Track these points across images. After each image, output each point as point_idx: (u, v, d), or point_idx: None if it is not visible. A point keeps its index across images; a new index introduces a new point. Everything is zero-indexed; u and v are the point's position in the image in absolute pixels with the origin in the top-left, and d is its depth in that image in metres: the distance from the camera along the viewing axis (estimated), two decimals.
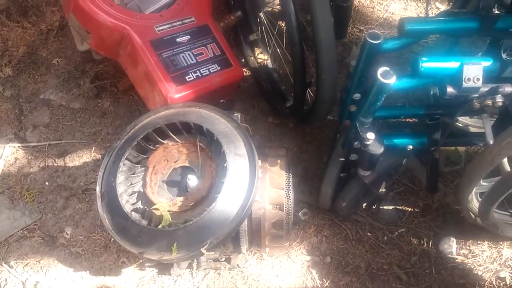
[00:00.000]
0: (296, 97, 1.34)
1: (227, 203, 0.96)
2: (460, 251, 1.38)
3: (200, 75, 1.27)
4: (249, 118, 1.68)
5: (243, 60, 1.75)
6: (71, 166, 1.62)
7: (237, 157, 0.99)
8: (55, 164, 1.62)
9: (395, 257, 1.38)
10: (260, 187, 1.12)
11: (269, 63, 1.73)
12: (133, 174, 1.05)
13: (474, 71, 0.89)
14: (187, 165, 1.05)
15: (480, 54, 1.10)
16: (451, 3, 1.81)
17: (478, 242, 1.39)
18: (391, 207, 1.47)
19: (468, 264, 1.36)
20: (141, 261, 1.38)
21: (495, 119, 1.15)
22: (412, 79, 0.98)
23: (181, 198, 1.01)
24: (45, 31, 1.92)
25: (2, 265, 1.41)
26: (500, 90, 0.90)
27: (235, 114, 1.11)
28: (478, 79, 0.89)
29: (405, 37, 1.00)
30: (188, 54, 1.28)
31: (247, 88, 1.74)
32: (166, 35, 1.28)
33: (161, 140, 1.07)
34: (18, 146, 1.66)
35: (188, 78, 1.25)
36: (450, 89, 0.92)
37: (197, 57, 1.29)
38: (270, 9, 1.50)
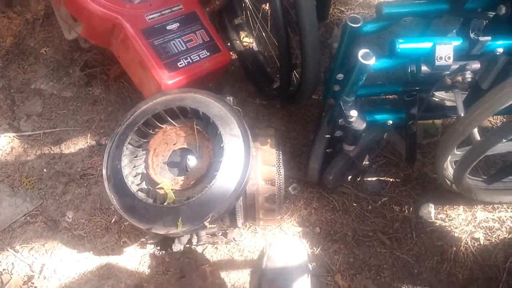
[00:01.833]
0: (282, 79, 1.42)
1: (225, 179, 1.04)
2: (438, 215, 1.49)
3: (191, 61, 1.33)
4: (238, 100, 1.73)
5: (229, 44, 1.80)
6: (67, 153, 1.67)
7: (233, 138, 1.07)
8: (52, 152, 1.67)
9: (379, 224, 1.49)
10: (253, 165, 1.20)
11: (254, 46, 1.79)
12: (136, 157, 1.12)
13: (445, 50, 0.98)
14: (186, 147, 1.13)
15: (454, 31, 1.19)
16: None
17: (454, 206, 1.51)
18: (374, 179, 1.57)
19: (446, 227, 1.48)
20: (142, 239, 1.46)
21: (467, 93, 1.25)
22: (389, 59, 1.06)
23: (182, 177, 1.09)
24: (31, 20, 1.93)
25: (8, 250, 1.47)
26: (468, 67, 0.99)
27: (228, 98, 1.18)
28: (449, 58, 0.98)
29: (383, 20, 1.07)
30: (179, 41, 1.34)
31: (235, 71, 1.81)
32: (157, 23, 1.33)
33: (160, 125, 1.14)
34: (13, 136, 1.70)
35: (180, 64, 1.31)
36: (424, 68, 1.00)
37: (187, 44, 1.35)
38: None
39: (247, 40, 1.81)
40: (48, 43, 1.89)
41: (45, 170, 1.63)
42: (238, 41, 1.80)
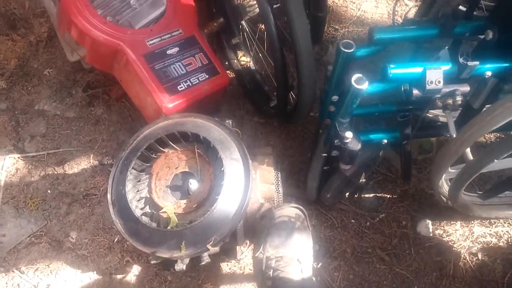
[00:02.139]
0: (279, 100, 1.45)
1: (226, 203, 1.07)
2: (436, 231, 1.52)
3: (190, 84, 1.37)
4: (236, 119, 1.78)
5: (227, 63, 1.84)
6: (70, 173, 1.70)
7: (233, 161, 1.11)
8: (55, 172, 1.70)
9: (378, 240, 1.52)
10: (253, 187, 1.24)
11: (251, 65, 1.83)
12: (139, 181, 1.15)
13: (435, 75, 1.01)
14: (187, 170, 1.16)
15: (446, 48, 1.22)
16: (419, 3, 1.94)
17: (452, 222, 1.53)
18: (371, 195, 1.60)
19: (444, 243, 1.50)
20: (144, 259, 1.49)
21: (459, 112, 1.28)
22: (382, 83, 1.09)
23: (184, 201, 1.12)
24: (34, 42, 1.97)
25: (13, 271, 1.50)
26: (458, 90, 1.02)
27: (227, 121, 1.21)
28: (439, 82, 1.01)
29: (375, 45, 1.11)
30: (178, 65, 1.38)
31: (232, 90, 1.84)
32: (157, 48, 1.37)
33: (162, 149, 1.18)
34: (18, 157, 1.73)
35: (180, 87, 1.35)
36: (415, 91, 1.04)
37: (186, 67, 1.39)
38: (250, 17, 1.60)
39: (244, 59, 1.85)
40: (51, 65, 1.94)
41: (49, 191, 1.66)
42: (235, 60, 1.84)
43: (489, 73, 1.05)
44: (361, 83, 1.03)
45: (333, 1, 1.98)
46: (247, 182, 1.11)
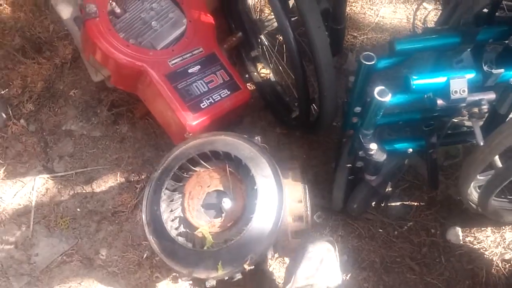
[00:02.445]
0: (301, 112, 1.46)
1: (261, 221, 1.09)
2: (466, 238, 1.49)
3: (213, 101, 1.39)
4: (258, 130, 1.79)
5: (247, 76, 1.86)
6: (98, 191, 1.74)
7: (265, 179, 1.13)
8: (84, 191, 1.75)
9: (407, 249, 1.50)
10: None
11: (271, 76, 1.84)
12: (172, 201, 1.18)
13: (459, 84, 1.00)
14: (220, 188, 1.19)
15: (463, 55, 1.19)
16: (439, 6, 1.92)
17: (482, 228, 1.50)
18: (398, 203, 1.58)
19: (475, 250, 1.47)
20: (174, 274, 1.51)
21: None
22: (405, 94, 1.09)
23: (218, 220, 1.14)
24: (59, 64, 2.03)
25: None
26: (483, 101, 1.01)
27: (256, 138, 1.23)
28: (464, 91, 1.00)
29: (396, 56, 1.11)
30: (200, 82, 1.40)
31: (254, 102, 1.85)
32: (179, 68, 1.40)
33: (193, 168, 1.20)
34: (48, 177, 1.78)
35: (203, 105, 1.37)
36: (440, 101, 1.03)
37: (208, 85, 1.41)
38: (269, 31, 1.61)
39: (264, 71, 1.87)
40: (76, 85, 1.99)
41: (78, 210, 1.71)
42: (255, 73, 1.86)
43: None
44: (384, 96, 1.03)
45: (351, 9, 1.98)
46: (280, 198, 1.12)
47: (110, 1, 1.42)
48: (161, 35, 1.43)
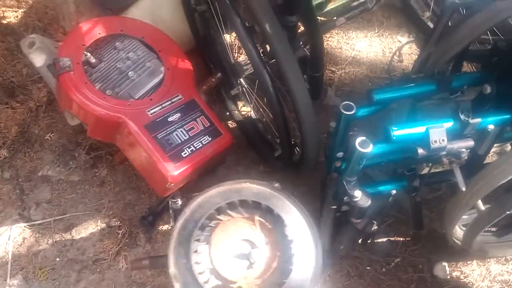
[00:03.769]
0: (283, 154, 1.46)
1: (300, 272, 1.08)
2: (453, 273, 1.50)
3: (194, 149, 1.37)
4: (242, 168, 1.78)
5: (227, 114, 1.85)
6: (78, 238, 1.69)
7: (298, 227, 1.12)
8: (63, 239, 1.69)
9: (395, 287, 1.50)
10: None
11: (252, 114, 1.84)
12: (196, 251, 1.12)
13: (438, 133, 1.01)
14: (248, 238, 1.15)
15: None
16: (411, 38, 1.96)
17: (468, 262, 1.51)
18: (384, 239, 1.58)
19: (462, 285, 1.48)
20: None
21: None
22: (386, 144, 1.10)
23: (252, 271, 1.10)
24: (34, 108, 1.98)
25: None
26: (462, 149, 1.02)
27: (276, 185, 1.22)
28: (443, 140, 1.01)
29: (374, 105, 1.12)
30: (181, 131, 1.38)
31: (236, 139, 1.84)
32: (159, 117, 1.37)
33: (219, 217, 1.17)
34: (24, 226, 1.72)
35: (184, 154, 1.35)
36: (420, 151, 1.04)
37: (189, 132, 1.39)
38: (247, 74, 1.61)
39: (245, 109, 1.86)
40: (52, 129, 1.94)
41: (57, 259, 1.65)
42: (236, 111, 1.85)
43: (491, 127, 1.05)
44: (366, 146, 1.03)
45: (327, 44, 2.00)
46: (316, 246, 1.11)
47: (85, 52, 1.39)
48: (139, 84, 1.41)
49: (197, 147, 1.37)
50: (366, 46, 1.99)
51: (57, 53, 1.38)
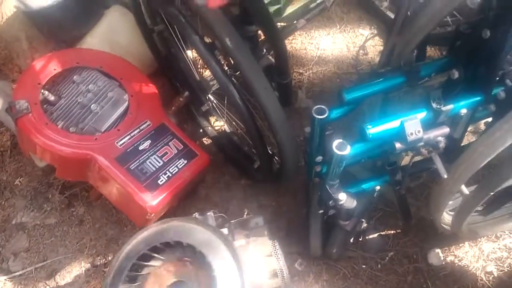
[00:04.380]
0: (262, 166, 1.43)
1: None
2: (447, 258, 1.49)
3: (170, 175, 1.32)
4: (222, 185, 1.74)
5: (201, 131, 1.81)
6: (63, 284, 1.61)
7: (221, 261, 1.06)
8: (47, 287, 1.61)
9: (393, 281, 1.48)
10: (251, 259, 1.19)
11: (226, 128, 1.81)
12: None
13: (413, 125, 1.00)
14: (181, 279, 1.11)
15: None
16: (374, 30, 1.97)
17: (460, 245, 1.51)
18: (376, 235, 1.57)
19: (457, 269, 1.47)
20: None
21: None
22: (363, 143, 1.08)
23: None
24: None
25: None
26: (439, 137, 1.01)
27: (208, 214, 1.17)
28: (419, 131, 1.00)
29: (347, 105, 1.10)
30: (154, 158, 1.34)
31: (214, 157, 1.80)
32: (129, 147, 1.32)
33: (148, 264, 1.12)
34: (5, 279, 1.64)
35: (160, 181, 1.31)
36: (398, 145, 1.02)
37: (163, 158, 1.35)
38: (214, 90, 1.58)
39: (218, 123, 1.82)
40: (21, 173, 1.86)
41: None
42: (209, 127, 1.81)
43: (464, 111, 1.05)
44: (343, 149, 1.01)
45: (292, 46, 1.99)
46: (241, 278, 1.06)
47: (42, 91, 1.33)
48: (103, 116, 1.35)
49: (173, 172, 1.33)
50: (330, 44, 1.99)
51: (12, 97, 1.31)
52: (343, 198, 1.14)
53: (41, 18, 1.65)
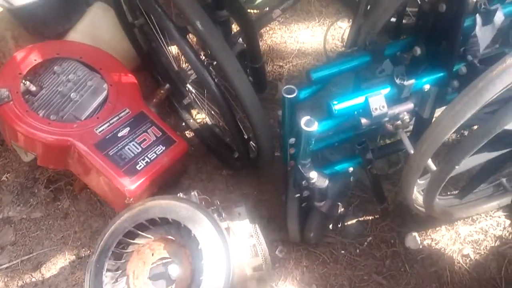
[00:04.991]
0: (240, 153, 1.46)
1: (212, 280, 1.05)
2: (424, 242, 1.51)
3: (149, 160, 1.35)
4: (204, 176, 1.77)
5: (183, 124, 1.85)
6: (49, 276, 1.63)
7: (207, 236, 1.09)
8: (33, 279, 1.63)
9: (371, 265, 1.50)
10: (233, 239, 1.21)
11: (208, 120, 1.84)
12: (116, 282, 1.11)
13: (377, 101, 1.03)
14: (165, 255, 1.13)
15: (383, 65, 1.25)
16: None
17: (437, 229, 1.53)
18: (354, 221, 1.59)
19: (434, 252, 1.49)
20: None
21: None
22: (331, 120, 1.11)
23: None
24: None
25: None
26: (403, 113, 1.05)
27: (192, 193, 1.20)
28: (383, 107, 1.03)
29: (315, 84, 1.14)
30: (133, 144, 1.37)
31: (196, 148, 1.83)
32: (108, 134, 1.36)
33: (133, 241, 1.14)
34: None
35: (139, 166, 1.34)
36: (364, 120, 1.06)
37: (141, 145, 1.38)
38: (193, 79, 1.62)
39: (200, 116, 1.86)
40: (8, 169, 1.88)
41: None
42: (191, 120, 1.85)
43: (427, 86, 1.08)
44: (311, 125, 1.04)
45: (272, 40, 2.03)
46: (226, 252, 1.09)
47: (23, 81, 1.37)
48: (83, 105, 1.39)
49: (152, 158, 1.36)
50: (309, 37, 2.04)
51: None
52: (314, 176, 1.17)
53: (26, 15, 1.69)
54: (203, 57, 1.42)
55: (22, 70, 1.39)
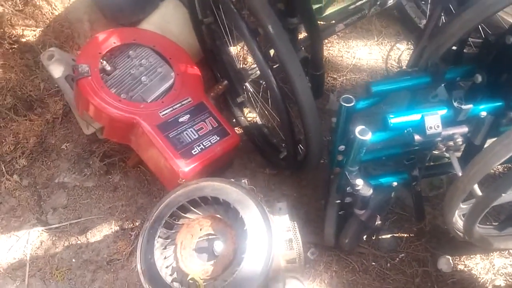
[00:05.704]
0: (288, 153, 1.52)
1: (253, 261, 1.12)
2: (457, 266, 1.53)
3: (204, 147, 1.45)
4: (248, 172, 1.84)
5: (234, 120, 1.93)
6: (93, 241, 1.75)
7: (253, 219, 1.17)
8: (78, 242, 1.75)
9: (400, 281, 1.53)
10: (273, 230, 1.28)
11: (258, 120, 1.92)
12: (165, 249, 1.21)
13: (433, 120, 1.08)
14: (211, 232, 1.22)
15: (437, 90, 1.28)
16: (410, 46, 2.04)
17: (471, 256, 1.54)
18: (389, 236, 1.62)
19: (466, 278, 1.50)
20: None
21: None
22: (384, 132, 1.16)
23: (211, 263, 1.17)
24: (50, 120, 2.08)
25: None
26: (456, 135, 1.08)
27: (242, 181, 1.28)
28: (438, 126, 1.08)
29: (373, 97, 1.19)
30: (191, 130, 1.47)
31: (242, 145, 1.91)
32: (170, 118, 1.46)
33: (184, 215, 1.24)
34: (42, 230, 1.79)
35: (194, 151, 1.43)
36: (417, 137, 1.10)
37: (198, 132, 1.47)
38: (253, 78, 1.70)
39: (250, 115, 1.94)
40: (68, 139, 2.03)
41: (73, 260, 1.71)
42: (242, 117, 1.93)
43: (484, 113, 1.12)
44: (365, 134, 1.10)
45: (329, 53, 2.09)
46: (269, 237, 1.16)
47: (101, 60, 1.50)
48: (151, 88, 1.50)
49: (206, 146, 1.45)
50: (366, 54, 2.08)
51: (76, 61, 1.48)
52: (360, 183, 1.22)
53: (106, 1, 1.83)
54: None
55: (102, 50, 1.52)
